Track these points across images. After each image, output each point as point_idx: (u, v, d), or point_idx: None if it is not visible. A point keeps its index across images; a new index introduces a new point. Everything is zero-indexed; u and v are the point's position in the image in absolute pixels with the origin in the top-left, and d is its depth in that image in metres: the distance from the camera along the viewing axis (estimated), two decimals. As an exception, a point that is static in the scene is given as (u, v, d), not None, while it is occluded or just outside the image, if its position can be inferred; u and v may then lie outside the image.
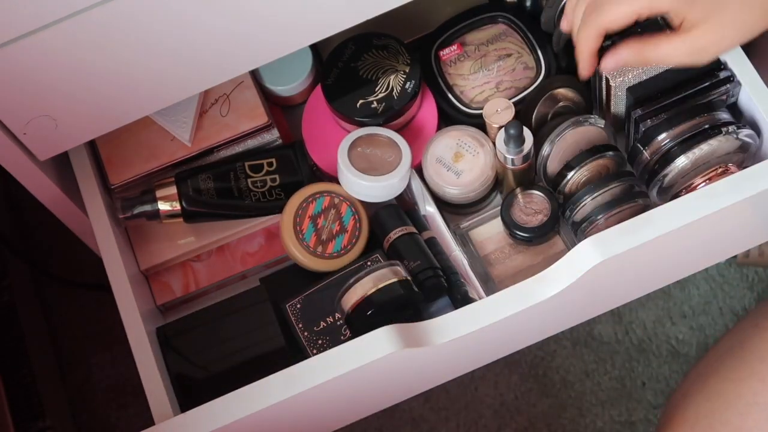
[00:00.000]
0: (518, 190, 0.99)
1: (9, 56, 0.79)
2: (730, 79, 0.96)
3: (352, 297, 0.92)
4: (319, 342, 0.96)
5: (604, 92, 0.99)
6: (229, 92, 1.04)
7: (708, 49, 0.83)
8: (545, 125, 1.00)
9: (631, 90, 0.98)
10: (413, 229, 0.99)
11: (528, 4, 1.05)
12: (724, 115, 0.95)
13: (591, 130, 0.97)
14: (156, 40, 0.84)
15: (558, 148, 0.97)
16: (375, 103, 1.01)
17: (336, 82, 1.03)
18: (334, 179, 1.01)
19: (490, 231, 1.01)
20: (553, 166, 0.98)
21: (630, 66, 0.91)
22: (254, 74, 1.06)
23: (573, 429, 1.33)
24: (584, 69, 0.90)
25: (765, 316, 1.02)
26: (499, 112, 0.98)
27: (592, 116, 0.97)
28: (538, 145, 0.97)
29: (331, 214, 0.99)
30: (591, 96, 1.02)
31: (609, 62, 0.88)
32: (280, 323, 0.97)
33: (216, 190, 1.00)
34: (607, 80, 0.97)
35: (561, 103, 1.00)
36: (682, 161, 0.94)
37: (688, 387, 0.93)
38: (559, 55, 1.02)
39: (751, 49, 0.97)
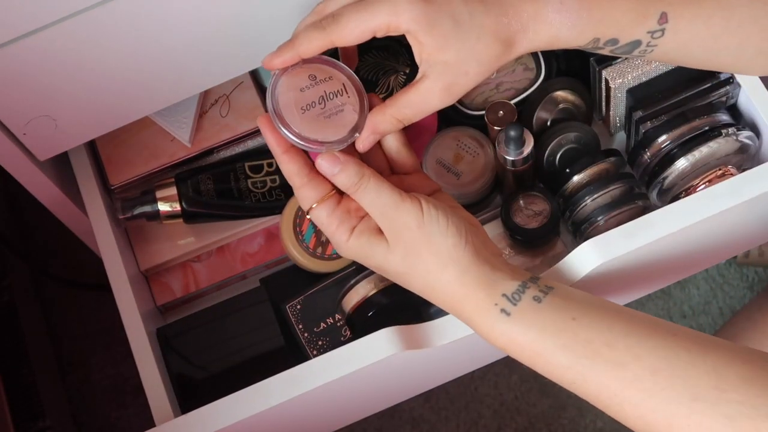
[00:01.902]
0: (519, 191, 0.99)
1: (9, 56, 0.79)
2: (730, 80, 0.96)
3: (354, 298, 0.92)
4: (320, 343, 0.96)
5: (604, 94, 0.99)
6: (229, 93, 1.04)
7: (458, 82, 0.76)
8: (546, 128, 1.00)
9: (631, 92, 0.98)
10: (413, 230, 0.98)
11: (528, 4, 1.05)
12: (724, 117, 0.95)
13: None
14: (156, 40, 0.84)
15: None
16: (375, 103, 1.01)
17: (336, 82, 1.02)
18: (334, 180, 1.01)
19: (490, 232, 1.01)
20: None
21: (389, 131, 0.79)
22: (254, 74, 1.06)
23: (573, 429, 1.33)
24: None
25: (758, 309, 1.02)
26: (500, 113, 0.98)
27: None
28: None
29: (331, 214, 0.99)
30: (591, 98, 1.02)
31: (365, 136, 0.78)
32: (280, 324, 0.97)
33: (216, 191, 1.00)
34: (607, 82, 0.97)
35: (561, 105, 1.00)
36: (682, 163, 0.94)
37: None
38: (559, 56, 1.02)
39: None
